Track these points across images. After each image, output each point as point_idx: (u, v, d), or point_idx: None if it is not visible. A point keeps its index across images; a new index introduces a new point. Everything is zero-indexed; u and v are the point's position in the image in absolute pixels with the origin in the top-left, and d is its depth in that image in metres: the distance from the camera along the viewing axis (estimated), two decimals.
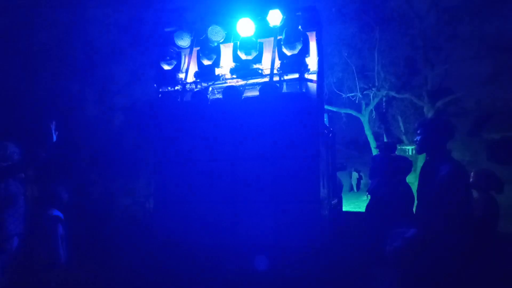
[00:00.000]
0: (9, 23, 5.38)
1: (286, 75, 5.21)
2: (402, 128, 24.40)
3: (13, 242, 3.81)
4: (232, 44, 5.54)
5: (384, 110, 23.35)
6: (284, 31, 5.18)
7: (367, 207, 4.53)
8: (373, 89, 19.76)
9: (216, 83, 5.50)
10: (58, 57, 5.52)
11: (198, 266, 5.02)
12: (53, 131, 3.95)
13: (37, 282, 3.99)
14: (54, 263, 4.08)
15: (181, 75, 5.68)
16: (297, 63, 5.13)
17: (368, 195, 4.80)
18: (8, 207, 3.76)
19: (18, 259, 3.87)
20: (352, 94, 20.28)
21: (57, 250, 4.11)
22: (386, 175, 4.33)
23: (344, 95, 20.43)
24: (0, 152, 3.82)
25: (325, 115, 6.24)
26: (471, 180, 4.11)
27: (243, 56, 5.31)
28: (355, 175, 23.03)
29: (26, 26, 5.37)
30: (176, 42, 5.63)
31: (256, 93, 5.27)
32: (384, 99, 21.43)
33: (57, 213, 4.24)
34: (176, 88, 5.63)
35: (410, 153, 20.29)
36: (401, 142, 23.91)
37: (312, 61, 5.27)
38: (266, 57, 5.42)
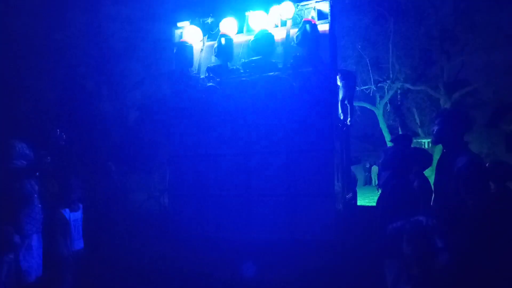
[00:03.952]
0: (25, 23, 5.45)
1: (299, 69, 5.16)
2: (417, 121, 23.92)
3: (31, 241, 3.81)
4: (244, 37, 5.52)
5: (399, 103, 22.92)
6: (297, 24, 5.12)
7: (378, 201, 4.48)
8: (387, 81, 19.45)
9: (228, 77, 5.49)
10: (73, 55, 5.59)
11: (212, 259, 5.04)
12: (60, 136, 3.93)
13: (51, 279, 4.02)
14: (62, 259, 4.08)
15: (194, 71, 5.69)
16: (310, 57, 5.07)
17: (379, 189, 4.73)
18: (24, 207, 3.76)
19: (40, 257, 3.89)
20: (366, 86, 20.02)
21: (63, 247, 4.10)
22: (400, 168, 4.26)
23: (358, 88, 20.14)
24: (20, 152, 3.83)
25: (339, 109, 6.18)
26: (488, 172, 4.03)
27: (255, 50, 5.27)
28: (375, 169, 22.56)
29: (42, 25, 5.44)
30: (188, 37, 5.64)
31: (269, 87, 5.25)
32: (399, 91, 21.06)
33: (65, 210, 4.25)
34: (189, 83, 5.64)
35: (426, 146, 19.95)
36: (416, 135, 23.49)
37: (325, 54, 5.21)
38: (279, 51, 5.38)
